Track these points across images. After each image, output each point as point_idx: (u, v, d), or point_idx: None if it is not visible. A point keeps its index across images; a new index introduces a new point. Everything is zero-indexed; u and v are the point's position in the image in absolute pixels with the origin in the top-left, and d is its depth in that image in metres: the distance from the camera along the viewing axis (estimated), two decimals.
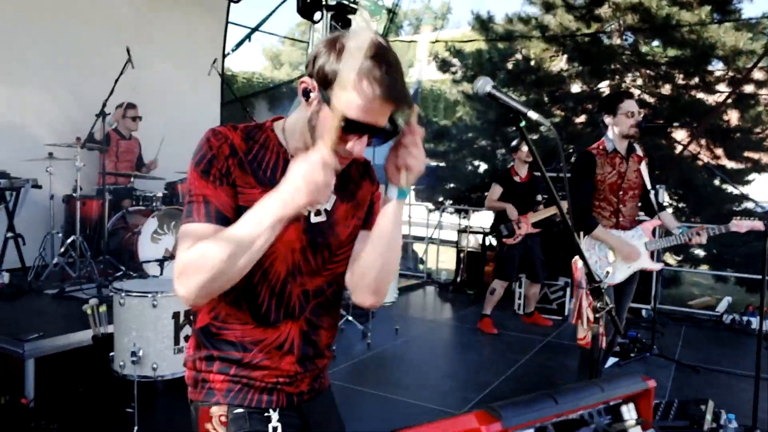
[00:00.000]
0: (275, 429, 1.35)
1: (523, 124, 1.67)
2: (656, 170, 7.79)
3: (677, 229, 3.59)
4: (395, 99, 1.23)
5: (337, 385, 4.22)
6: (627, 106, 3.46)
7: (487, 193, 5.84)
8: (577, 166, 3.57)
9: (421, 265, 9.48)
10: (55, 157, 5.06)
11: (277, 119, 1.43)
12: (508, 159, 9.57)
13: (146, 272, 4.75)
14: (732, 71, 7.93)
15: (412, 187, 1.35)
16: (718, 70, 8.10)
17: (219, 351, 1.37)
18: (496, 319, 5.87)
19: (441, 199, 9.92)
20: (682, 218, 8.04)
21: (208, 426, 1.36)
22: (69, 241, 5.09)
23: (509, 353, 5.17)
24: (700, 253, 8.43)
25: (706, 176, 8.10)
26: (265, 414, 1.36)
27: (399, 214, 1.35)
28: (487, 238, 8.11)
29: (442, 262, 8.86)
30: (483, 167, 9.96)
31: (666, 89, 8.46)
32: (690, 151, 7.60)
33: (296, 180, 1.13)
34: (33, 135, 5.31)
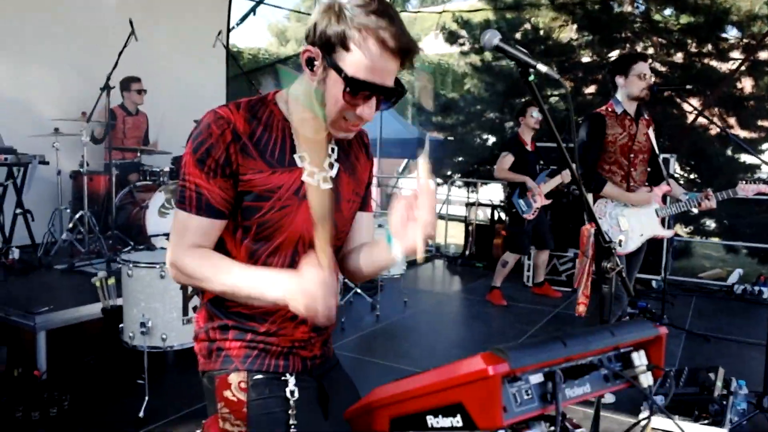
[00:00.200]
0: (292, 393, 1.36)
1: (532, 78, 1.63)
2: (667, 140, 7.70)
3: (684, 195, 3.54)
4: (401, 55, 1.22)
5: (347, 356, 4.24)
6: (640, 68, 3.39)
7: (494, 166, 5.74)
8: (585, 127, 3.49)
9: (429, 240, 9.44)
10: (61, 132, 5.05)
11: (278, 91, 1.41)
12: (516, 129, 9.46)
13: (154, 246, 4.75)
14: (746, 38, 7.72)
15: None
16: (732, 36, 7.90)
17: (233, 320, 1.38)
18: (505, 291, 5.85)
19: (449, 173, 9.85)
20: (694, 189, 7.93)
21: (227, 393, 1.35)
22: (77, 216, 5.10)
23: (518, 324, 5.16)
24: (711, 224, 8.34)
25: (719, 146, 7.97)
26: (282, 378, 1.37)
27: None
28: (495, 211, 8.07)
29: (451, 236, 8.83)
30: (491, 140, 9.86)
31: (678, 57, 8.28)
32: (706, 119, 7.43)
33: (305, 289, 1.16)
34: (38, 110, 5.30)
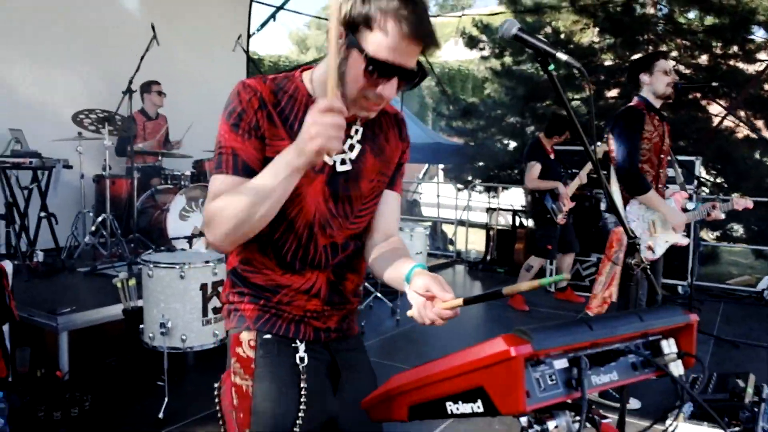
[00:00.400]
0: (302, 359, 1.39)
1: (551, 67, 1.60)
2: (691, 143, 7.56)
3: (691, 204, 3.44)
4: (423, 37, 1.22)
5: None
6: (664, 64, 3.31)
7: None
8: (626, 121, 3.28)
9: (450, 246, 9.39)
10: (84, 136, 5.11)
11: (306, 69, 1.42)
12: (538, 134, 9.37)
13: (175, 248, 4.77)
14: None
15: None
16: (759, 37, 7.75)
17: (249, 289, 1.42)
18: (527, 296, 5.77)
19: (470, 178, 9.79)
20: (720, 194, 7.79)
21: (238, 350, 1.40)
22: (99, 219, 5.15)
23: None
24: (739, 229, 8.16)
25: (746, 149, 7.81)
26: (293, 345, 1.40)
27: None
28: (517, 215, 7.99)
29: (472, 243, 8.76)
30: (512, 145, 9.78)
31: (703, 59, 8.14)
32: (733, 117, 7.27)
33: (306, 128, 1.14)
34: (62, 115, 5.36)
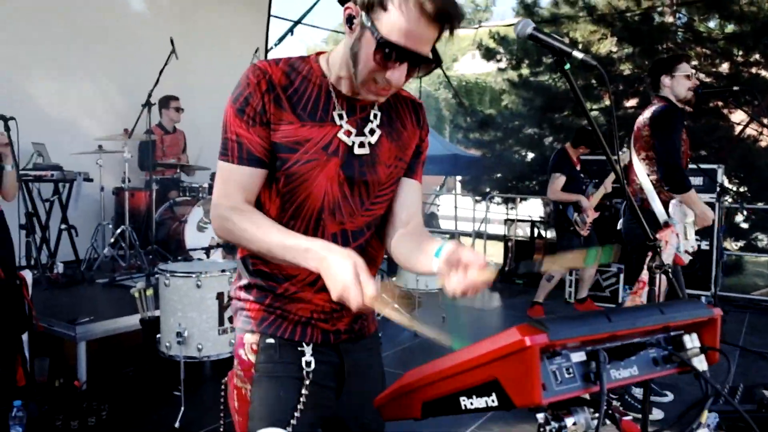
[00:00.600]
0: (308, 363, 1.33)
1: (567, 66, 1.58)
2: (713, 152, 7.44)
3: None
4: (441, 22, 1.16)
5: (385, 371, 4.16)
6: (686, 68, 3.26)
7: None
8: (666, 119, 3.21)
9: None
10: (104, 149, 5.18)
11: (321, 53, 1.38)
12: (556, 146, 9.32)
13: (192, 258, 4.79)
14: None
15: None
16: None
17: (255, 280, 1.37)
18: (546, 307, 5.69)
19: (487, 189, 9.74)
20: (743, 202, 7.65)
21: (241, 352, 1.36)
22: (118, 231, 5.20)
23: None
24: (764, 238, 8.00)
25: None
26: (299, 348, 1.34)
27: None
28: (535, 227, 7.92)
29: (490, 255, 8.68)
30: (530, 156, 9.72)
31: (723, 68, 8.05)
32: (754, 130, 7.16)
33: (334, 279, 1.11)
34: (82, 128, 5.46)
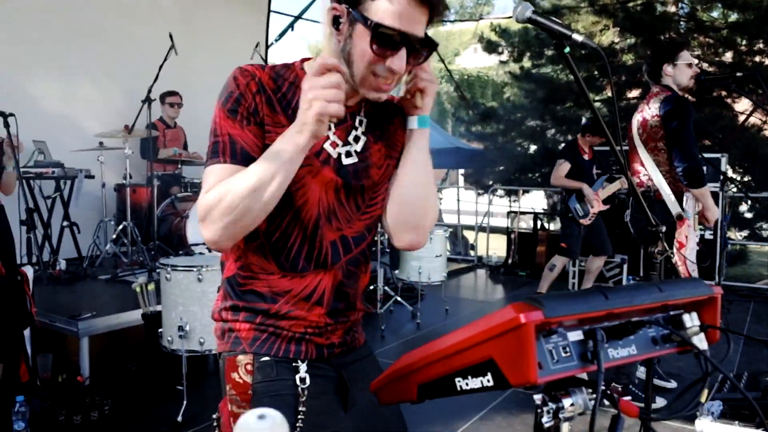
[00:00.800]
0: (303, 380, 1.28)
1: (567, 50, 1.56)
2: (717, 141, 7.40)
3: None
4: (428, 3, 1.15)
5: (387, 363, 4.14)
6: (688, 56, 3.23)
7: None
8: (681, 110, 3.16)
9: (471, 251, 9.32)
10: (105, 146, 5.17)
11: (306, 59, 1.35)
12: (558, 138, 9.30)
13: (193, 252, 4.79)
14: None
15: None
16: None
17: (245, 302, 1.31)
18: None
19: (490, 182, 9.72)
20: (748, 191, 7.61)
21: (234, 375, 1.30)
22: (120, 228, 5.20)
23: None
24: None
25: None
26: (293, 364, 1.29)
27: (425, 142, 1.34)
28: (538, 218, 7.91)
29: (493, 248, 8.67)
30: (533, 148, 9.70)
31: (727, 57, 7.99)
32: (758, 119, 7.12)
33: (302, 96, 1.09)
34: (83, 125, 5.45)
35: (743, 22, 7.60)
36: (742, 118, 7.79)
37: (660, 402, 3.29)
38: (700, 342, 0.84)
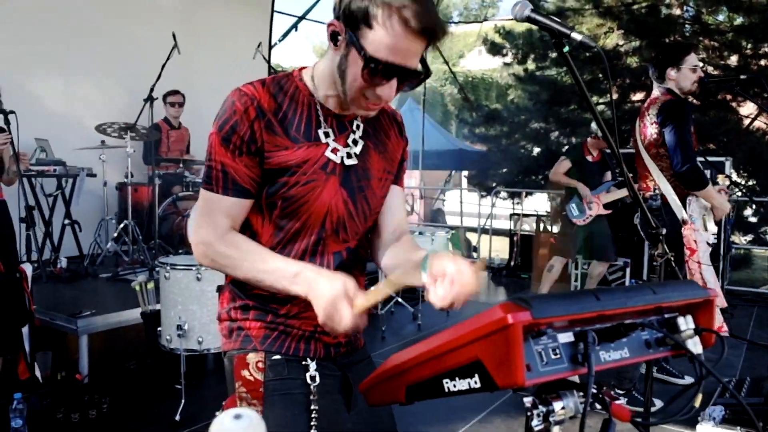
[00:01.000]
0: (313, 378, 1.30)
1: (566, 49, 1.55)
2: (721, 144, 7.37)
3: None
4: (427, 36, 1.14)
5: None
6: (693, 60, 3.20)
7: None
8: (677, 115, 3.15)
9: (474, 253, 9.30)
10: (107, 144, 5.17)
11: (304, 68, 1.36)
12: (562, 141, 9.26)
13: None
14: None
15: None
16: None
17: (254, 301, 1.33)
18: None
19: (493, 184, 9.69)
20: (753, 196, 7.58)
21: (245, 373, 1.31)
22: (121, 226, 5.19)
23: None
24: None
25: None
26: (303, 363, 1.32)
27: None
28: (541, 221, 7.88)
29: (496, 250, 8.64)
30: (536, 150, 9.67)
31: (732, 60, 7.96)
32: (763, 123, 7.09)
33: (328, 297, 1.15)
34: (85, 123, 5.45)
35: (748, 25, 7.56)
36: (747, 121, 7.75)
37: (657, 404, 3.26)
38: (695, 346, 0.82)
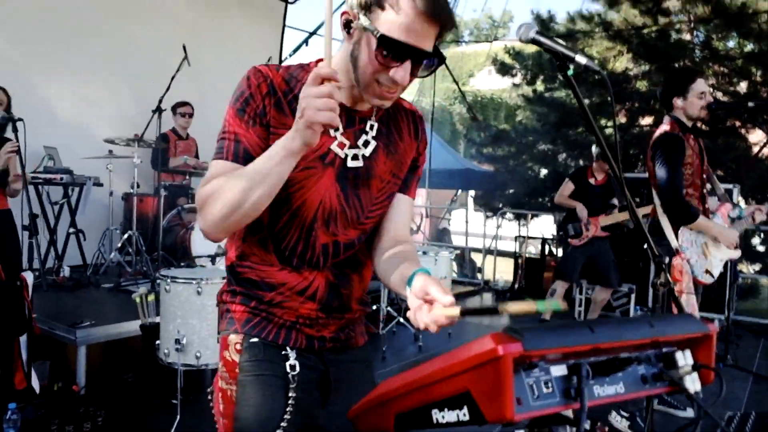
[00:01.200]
0: (293, 367, 1.32)
1: (570, 72, 1.54)
2: (730, 171, 7.33)
3: (734, 212, 3.29)
4: (439, 17, 1.16)
5: None
6: (699, 86, 3.18)
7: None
8: (667, 149, 3.16)
9: (478, 274, 9.24)
10: (114, 154, 5.19)
11: (321, 60, 1.35)
12: (570, 163, 9.24)
13: (195, 264, 4.77)
14: None
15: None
16: None
17: (242, 287, 1.36)
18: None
19: (500, 205, 9.67)
20: (762, 224, 7.51)
21: (225, 353, 1.35)
22: (126, 236, 5.20)
23: None
24: None
25: None
26: (282, 352, 1.33)
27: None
28: (547, 244, 7.83)
29: (501, 271, 8.59)
30: (543, 172, 9.64)
31: (741, 87, 7.94)
32: None
33: (299, 104, 1.09)
34: (94, 133, 5.49)
35: (759, 52, 7.55)
36: (756, 148, 7.71)
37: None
38: (693, 382, 0.80)
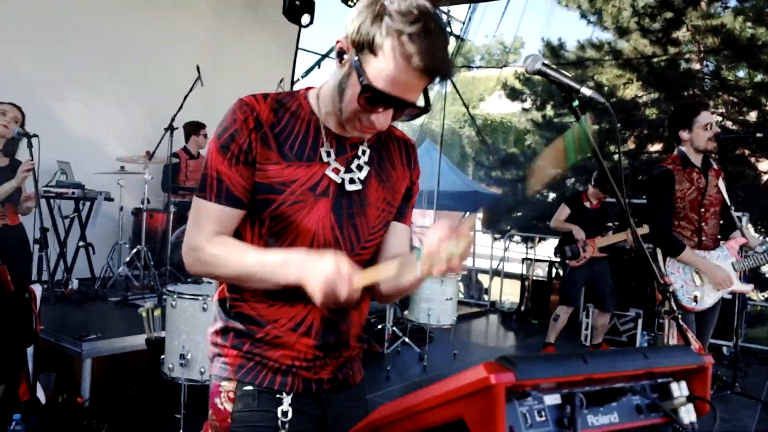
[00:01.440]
0: (285, 413, 1.26)
1: (576, 103, 1.57)
2: (739, 199, 7.31)
3: (761, 246, 3.28)
4: (432, 74, 1.13)
5: None
6: (704, 118, 3.20)
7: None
8: (654, 183, 3.30)
9: (485, 296, 9.22)
10: (125, 170, 5.26)
11: (310, 88, 1.35)
12: (578, 188, 9.25)
13: (202, 280, 4.78)
14: None
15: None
16: None
17: (234, 324, 1.30)
18: (560, 349, 5.56)
19: (507, 227, 9.67)
20: None
21: (216, 401, 1.29)
22: (134, 251, 5.24)
23: None
24: None
25: None
26: (277, 396, 1.27)
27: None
28: (553, 267, 7.81)
29: (507, 293, 8.56)
30: (551, 196, 9.66)
31: (751, 116, 7.96)
32: None
33: (323, 274, 1.11)
34: (106, 149, 5.56)
35: None
36: (765, 177, 7.70)
37: None
38: (688, 414, 0.81)
